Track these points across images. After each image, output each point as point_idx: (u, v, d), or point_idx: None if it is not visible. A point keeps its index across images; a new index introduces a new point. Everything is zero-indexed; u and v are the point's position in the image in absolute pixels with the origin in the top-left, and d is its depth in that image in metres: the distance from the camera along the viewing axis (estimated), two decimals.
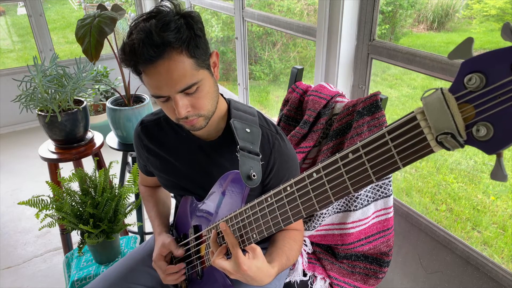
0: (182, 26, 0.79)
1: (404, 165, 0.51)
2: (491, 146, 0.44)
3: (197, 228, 1.01)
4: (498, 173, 0.45)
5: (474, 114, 0.44)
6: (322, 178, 0.61)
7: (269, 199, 0.72)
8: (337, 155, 0.58)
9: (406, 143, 0.50)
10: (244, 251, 0.81)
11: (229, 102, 1.01)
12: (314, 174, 0.62)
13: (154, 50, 0.76)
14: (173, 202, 1.28)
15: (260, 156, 0.90)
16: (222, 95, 1.00)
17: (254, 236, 0.78)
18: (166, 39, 0.77)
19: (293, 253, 0.95)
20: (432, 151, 0.48)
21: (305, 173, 0.64)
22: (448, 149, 0.47)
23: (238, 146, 0.89)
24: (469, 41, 0.45)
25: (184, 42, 0.79)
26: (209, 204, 1.00)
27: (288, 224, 0.71)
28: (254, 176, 0.85)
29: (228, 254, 0.83)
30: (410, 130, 0.49)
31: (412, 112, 0.49)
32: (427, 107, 0.47)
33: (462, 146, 0.46)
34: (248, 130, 0.93)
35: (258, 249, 0.81)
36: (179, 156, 1.03)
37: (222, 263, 0.80)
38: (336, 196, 0.60)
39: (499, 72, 0.42)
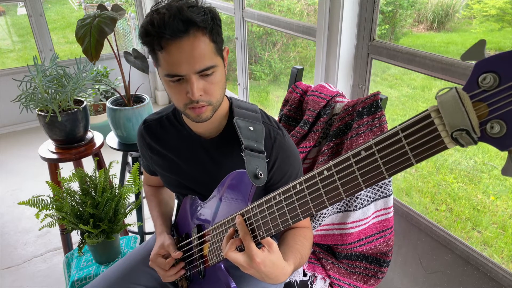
0: (207, 13, 0.84)
1: (417, 162, 0.53)
2: (504, 143, 0.46)
3: (200, 228, 1.01)
4: (510, 169, 0.47)
5: (487, 112, 0.46)
6: (333, 176, 0.62)
7: (277, 197, 0.72)
8: (349, 153, 0.59)
9: (420, 140, 0.51)
10: (260, 245, 0.78)
11: (230, 100, 1.01)
12: (325, 172, 0.63)
13: (183, 24, 0.80)
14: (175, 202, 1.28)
15: (265, 154, 0.90)
16: None
17: (261, 234, 0.77)
18: (194, 18, 0.81)
19: (305, 250, 0.94)
20: (446, 148, 0.50)
21: (315, 171, 0.65)
22: (462, 146, 0.49)
23: (242, 146, 0.89)
24: (482, 43, 0.46)
25: (208, 25, 0.83)
26: (207, 210, 1.00)
27: (297, 222, 0.71)
28: (261, 175, 0.84)
29: (241, 249, 0.80)
30: (424, 127, 0.51)
31: (426, 110, 0.51)
32: (442, 105, 0.48)
33: (476, 143, 0.48)
34: (251, 128, 0.93)
35: (275, 244, 0.78)
36: (181, 154, 1.04)
37: (235, 256, 0.77)
38: (347, 193, 0.61)
39: None
